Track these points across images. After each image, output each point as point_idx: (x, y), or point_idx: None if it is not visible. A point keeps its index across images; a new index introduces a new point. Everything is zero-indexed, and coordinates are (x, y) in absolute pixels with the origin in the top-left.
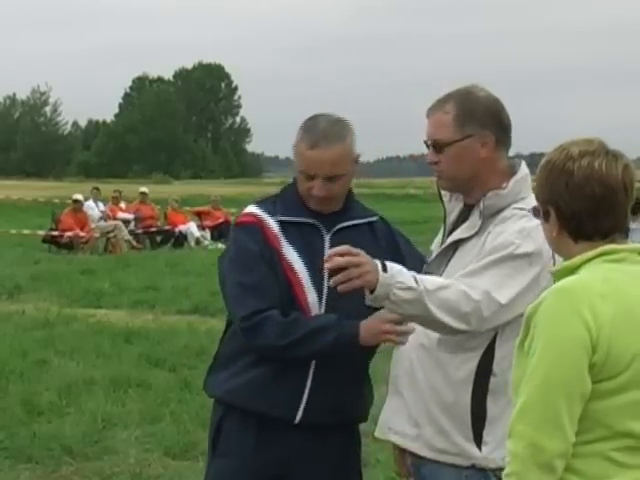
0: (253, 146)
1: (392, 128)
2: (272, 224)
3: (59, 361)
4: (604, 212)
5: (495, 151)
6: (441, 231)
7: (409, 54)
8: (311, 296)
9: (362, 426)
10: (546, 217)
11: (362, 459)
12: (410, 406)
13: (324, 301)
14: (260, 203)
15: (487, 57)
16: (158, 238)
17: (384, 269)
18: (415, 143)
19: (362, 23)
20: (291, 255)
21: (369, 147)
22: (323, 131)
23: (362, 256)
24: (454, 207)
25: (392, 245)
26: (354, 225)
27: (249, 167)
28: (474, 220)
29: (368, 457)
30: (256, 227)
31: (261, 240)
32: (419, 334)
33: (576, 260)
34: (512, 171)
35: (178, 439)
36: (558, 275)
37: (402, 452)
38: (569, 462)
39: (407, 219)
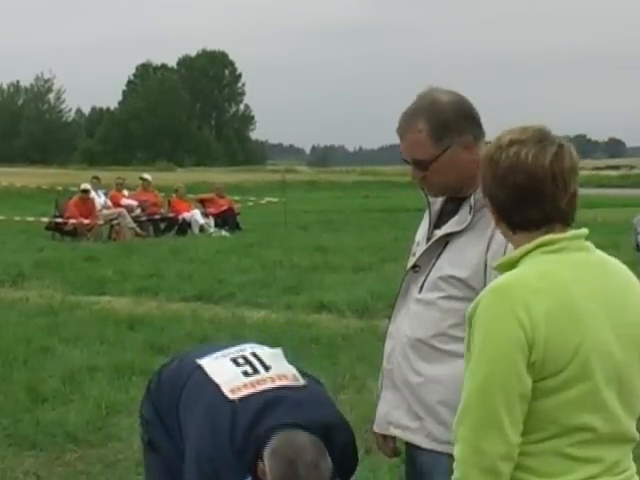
0: (257, 133)
1: (397, 115)
2: None
3: (63, 348)
4: (529, 202)
5: (476, 148)
6: (425, 221)
7: (415, 40)
8: None
9: (366, 414)
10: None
11: (367, 446)
12: (409, 399)
13: None
14: None
15: (492, 42)
16: (162, 225)
17: None
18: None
19: (368, 9)
20: None
21: (374, 134)
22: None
23: None
24: (436, 197)
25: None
26: None
27: (253, 154)
28: (464, 215)
29: (372, 444)
30: None
31: None
32: (413, 328)
33: (516, 253)
34: None
35: None
36: (500, 269)
37: (384, 435)
38: (523, 461)
39: (411, 206)
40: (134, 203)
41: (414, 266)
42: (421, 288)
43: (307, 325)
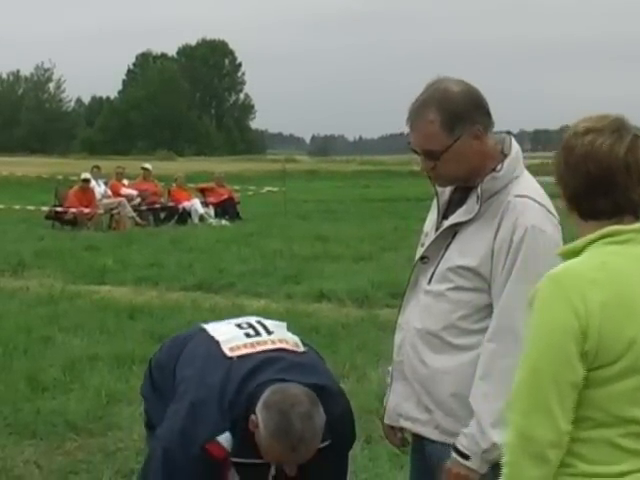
0: (257, 122)
1: (396, 105)
2: (231, 463)
3: (63, 337)
4: (601, 192)
5: (486, 138)
6: (433, 212)
7: (415, 31)
8: None
9: (367, 404)
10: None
11: (367, 435)
12: (419, 391)
13: None
14: (233, 438)
15: (491, 33)
16: (162, 215)
17: (464, 457)
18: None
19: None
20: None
21: (373, 124)
22: (299, 430)
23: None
24: (444, 187)
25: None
26: None
27: (253, 144)
28: (471, 204)
29: (373, 433)
30: (220, 467)
31: (215, 477)
32: (423, 320)
33: (579, 242)
34: (500, 147)
35: None
36: (563, 256)
37: (391, 425)
38: (573, 447)
39: (412, 196)
40: (133, 192)
41: (422, 257)
42: (430, 279)
43: (307, 314)
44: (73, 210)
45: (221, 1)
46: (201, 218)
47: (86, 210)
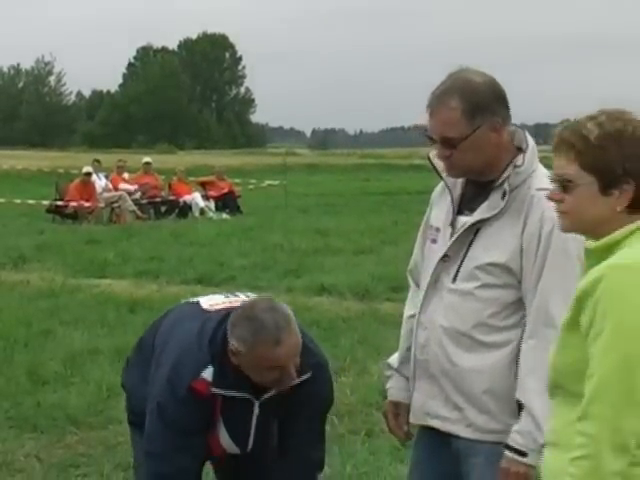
0: (257, 116)
1: (396, 98)
2: (219, 398)
3: (64, 331)
4: None
5: (503, 131)
6: (442, 206)
7: (414, 26)
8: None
9: (367, 397)
10: (611, 190)
11: (368, 429)
12: (447, 390)
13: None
14: (217, 372)
15: (490, 26)
16: (162, 208)
17: (521, 454)
18: (419, 113)
19: None
20: (221, 430)
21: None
22: (275, 324)
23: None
24: (455, 182)
25: (297, 409)
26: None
27: (253, 137)
28: (496, 200)
29: (373, 427)
30: (209, 405)
31: (205, 415)
32: (449, 318)
33: (617, 235)
34: (515, 141)
35: None
36: (598, 250)
37: (396, 416)
38: None
39: (412, 189)
40: (131, 188)
41: (444, 256)
42: (454, 278)
43: (307, 308)
44: (74, 204)
45: None
46: (202, 212)
47: (87, 204)
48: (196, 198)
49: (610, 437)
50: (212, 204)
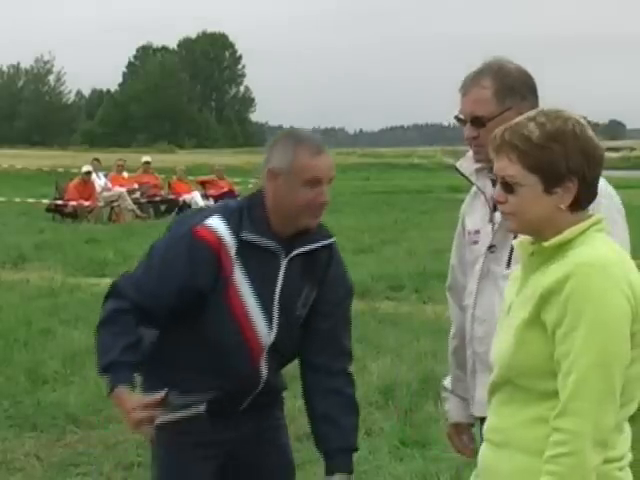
0: (257, 115)
1: (396, 98)
2: (231, 246)
3: (63, 330)
4: (597, 181)
5: None
6: (476, 209)
7: (412, 25)
8: (260, 325)
9: (367, 396)
10: (555, 189)
11: (367, 427)
12: None
13: (274, 330)
14: (228, 218)
15: (487, 27)
16: (162, 207)
17: None
18: (419, 113)
19: None
20: (241, 282)
21: (374, 117)
22: (316, 139)
23: None
24: (484, 183)
25: (326, 272)
26: (310, 251)
27: (253, 136)
28: None
29: (373, 426)
30: (212, 253)
31: (208, 270)
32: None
33: (569, 233)
34: None
35: None
36: (550, 249)
37: (460, 437)
38: None
39: (411, 188)
40: (122, 190)
41: (490, 247)
42: (508, 264)
43: None
44: (73, 203)
45: None
46: None
47: (86, 203)
48: (196, 197)
49: (592, 433)
50: (212, 203)
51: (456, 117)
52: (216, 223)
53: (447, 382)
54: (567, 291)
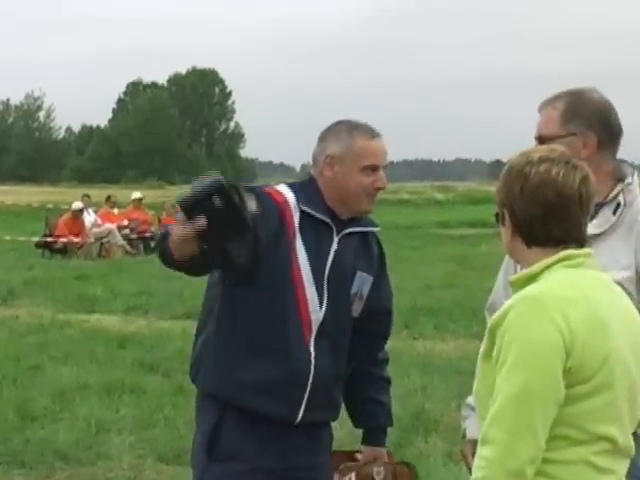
0: (247, 151)
1: (385, 133)
2: (294, 213)
3: (53, 366)
4: (555, 219)
5: (597, 153)
6: None
7: (402, 61)
8: (310, 292)
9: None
10: (502, 220)
11: None
12: None
13: (324, 300)
14: (292, 186)
15: (477, 63)
16: (152, 243)
17: None
18: (408, 148)
19: (356, 29)
20: (300, 249)
21: None
22: (368, 124)
23: None
24: None
25: (381, 264)
26: (362, 232)
27: (243, 172)
28: (607, 216)
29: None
30: (279, 210)
31: (276, 224)
32: None
33: (536, 268)
34: (619, 174)
35: (172, 444)
36: (518, 283)
37: (474, 447)
38: (548, 469)
39: (401, 224)
40: (113, 226)
41: None
42: None
43: None
44: (63, 239)
45: (211, 30)
46: None
47: (76, 239)
48: None
49: (505, 462)
50: None
51: (535, 137)
52: (285, 190)
53: (470, 400)
54: (505, 324)
